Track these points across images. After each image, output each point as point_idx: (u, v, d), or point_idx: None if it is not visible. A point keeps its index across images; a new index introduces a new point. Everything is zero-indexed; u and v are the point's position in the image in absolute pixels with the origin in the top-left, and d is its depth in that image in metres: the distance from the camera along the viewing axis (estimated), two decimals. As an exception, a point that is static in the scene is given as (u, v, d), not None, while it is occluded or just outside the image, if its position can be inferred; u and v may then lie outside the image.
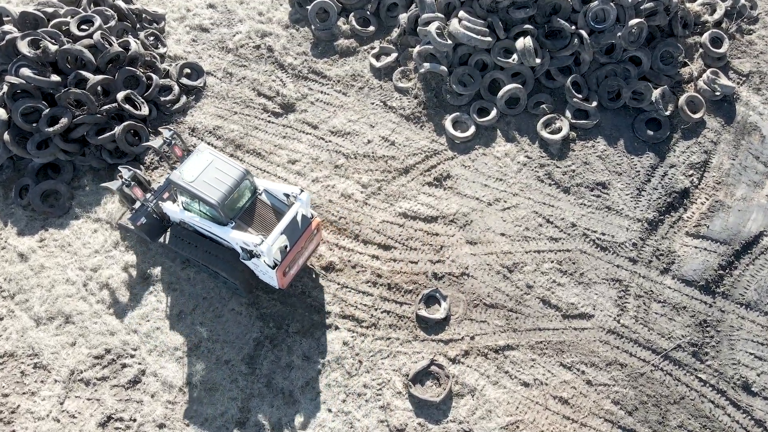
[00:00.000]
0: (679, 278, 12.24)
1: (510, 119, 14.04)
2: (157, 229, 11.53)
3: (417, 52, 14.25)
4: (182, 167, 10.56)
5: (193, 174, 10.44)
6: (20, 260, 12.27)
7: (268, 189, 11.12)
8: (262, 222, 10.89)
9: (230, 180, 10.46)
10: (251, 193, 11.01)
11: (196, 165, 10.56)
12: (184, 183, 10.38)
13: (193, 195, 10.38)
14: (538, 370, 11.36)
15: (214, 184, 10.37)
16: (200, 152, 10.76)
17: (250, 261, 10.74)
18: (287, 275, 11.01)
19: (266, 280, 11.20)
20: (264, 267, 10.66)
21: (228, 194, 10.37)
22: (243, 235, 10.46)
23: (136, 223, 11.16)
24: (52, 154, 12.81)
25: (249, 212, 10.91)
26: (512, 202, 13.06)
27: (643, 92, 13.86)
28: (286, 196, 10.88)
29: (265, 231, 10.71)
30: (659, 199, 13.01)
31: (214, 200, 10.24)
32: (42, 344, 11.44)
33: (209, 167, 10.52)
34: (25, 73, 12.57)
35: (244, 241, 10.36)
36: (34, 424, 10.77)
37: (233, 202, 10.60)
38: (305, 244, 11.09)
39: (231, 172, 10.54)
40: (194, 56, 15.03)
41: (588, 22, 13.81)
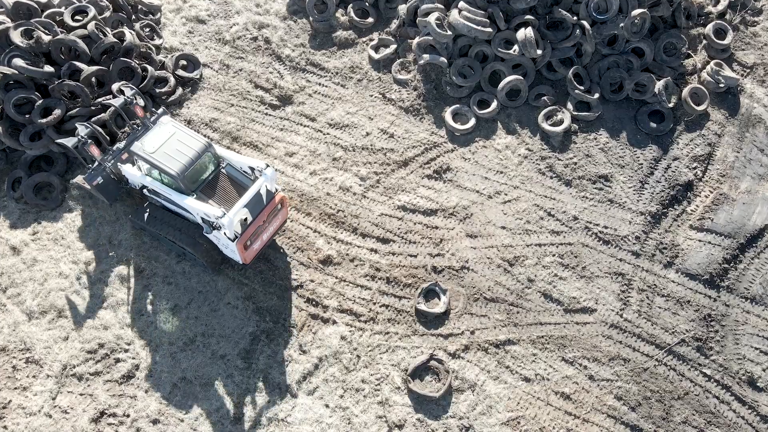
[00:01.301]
0: (682, 272, 12.03)
1: (511, 111, 13.83)
2: (115, 191, 11.42)
3: (416, 43, 14.05)
4: (144, 138, 10.59)
5: (154, 145, 10.44)
6: (12, 253, 12.06)
7: (233, 161, 11.01)
8: (225, 195, 10.80)
9: (191, 152, 10.43)
10: (214, 166, 10.93)
11: (158, 136, 10.58)
12: (144, 154, 10.36)
13: (153, 166, 10.31)
14: (539, 365, 11.15)
15: (175, 155, 10.35)
16: (163, 124, 10.81)
17: (212, 234, 10.62)
18: (249, 249, 10.86)
19: (229, 254, 11.11)
20: (225, 240, 10.56)
21: (189, 165, 10.33)
22: (204, 206, 10.37)
23: (91, 182, 10.99)
24: (45, 145, 12.60)
25: (211, 185, 10.85)
26: (513, 195, 12.85)
27: (646, 84, 13.65)
28: (251, 169, 10.78)
29: (227, 204, 10.62)
30: (662, 192, 12.81)
31: (175, 171, 10.21)
32: (34, 338, 11.22)
33: (171, 139, 10.53)
34: (18, 63, 12.35)
35: (206, 212, 10.27)
36: (26, 420, 10.56)
37: (195, 174, 10.53)
38: (268, 219, 10.97)
39: (193, 144, 10.52)
40: (190, 48, 14.82)
41: (590, 13, 13.60)
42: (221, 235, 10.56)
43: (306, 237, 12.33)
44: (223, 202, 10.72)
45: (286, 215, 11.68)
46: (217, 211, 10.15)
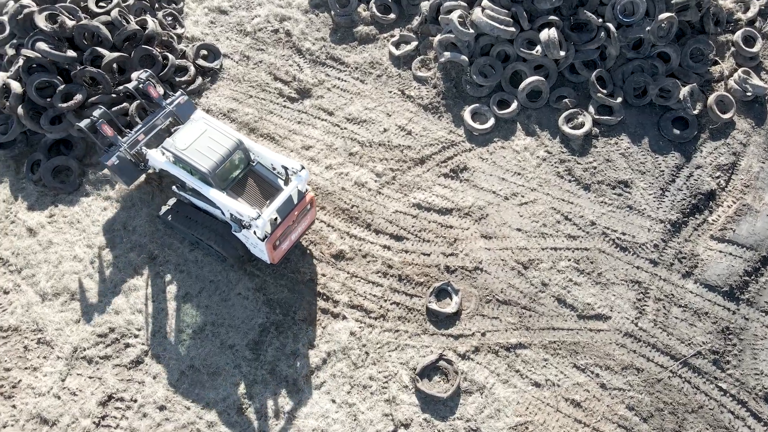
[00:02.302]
0: (701, 283, 11.76)
1: (531, 112, 13.65)
2: (132, 173, 11.38)
3: (438, 40, 13.92)
4: (176, 134, 10.59)
5: (186, 141, 10.41)
6: (29, 235, 12.16)
7: (265, 159, 10.91)
8: (254, 193, 10.72)
9: (223, 149, 10.39)
10: (245, 164, 10.85)
11: (190, 133, 10.54)
12: (176, 151, 10.35)
13: (185, 163, 10.30)
14: (550, 370, 10.97)
15: (206, 152, 10.30)
16: (195, 120, 10.80)
17: (241, 233, 10.56)
18: (278, 249, 10.79)
19: (257, 253, 11.03)
20: (254, 239, 10.48)
21: (220, 163, 10.28)
22: (239, 205, 10.28)
23: (106, 162, 10.99)
24: (64, 129, 12.69)
25: (241, 183, 10.78)
26: (530, 197, 12.67)
27: (671, 90, 13.38)
28: (285, 169, 10.66)
29: (255, 202, 10.56)
30: (684, 200, 12.54)
31: (206, 169, 10.16)
32: (46, 320, 11.30)
33: (203, 135, 10.49)
34: (42, 47, 12.45)
35: (239, 211, 10.17)
36: (35, 400, 10.63)
37: (225, 172, 10.48)
38: (297, 219, 10.88)
39: (224, 142, 10.48)
40: (212, 38, 14.85)
41: (616, 15, 13.37)
42: (251, 234, 10.46)
43: (319, 231, 12.27)
44: (252, 200, 10.62)
45: (314, 215, 11.59)
46: (252, 212, 10.00)
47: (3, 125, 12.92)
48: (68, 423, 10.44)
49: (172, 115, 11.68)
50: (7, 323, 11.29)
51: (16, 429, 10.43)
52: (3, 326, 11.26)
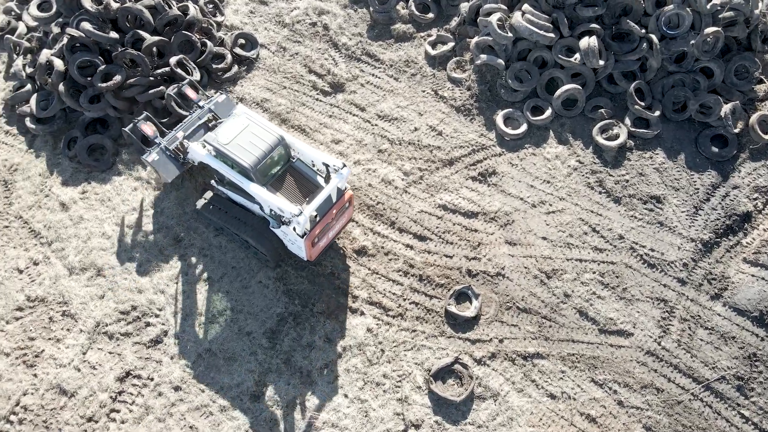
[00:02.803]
0: (730, 306, 11.43)
1: (565, 121, 13.44)
2: (173, 168, 11.53)
3: (475, 42, 13.81)
4: (218, 129, 10.73)
5: (228, 136, 10.54)
6: (61, 209, 12.45)
7: (305, 155, 10.94)
8: (293, 190, 10.75)
9: (265, 145, 10.49)
10: (285, 160, 10.91)
11: (232, 128, 10.67)
12: (218, 145, 10.47)
13: (227, 157, 10.41)
14: (567, 383, 10.79)
15: (248, 147, 10.40)
16: (237, 116, 10.93)
17: (279, 229, 10.57)
18: (316, 246, 10.80)
19: (294, 250, 11.06)
20: (293, 236, 10.48)
21: (261, 159, 10.37)
22: (281, 201, 10.31)
23: (147, 158, 11.24)
24: (102, 109, 12.96)
25: (280, 179, 10.83)
26: (558, 206, 12.48)
27: (712, 106, 13.03)
28: (326, 166, 10.64)
29: (294, 198, 10.60)
30: (717, 220, 12.20)
31: (248, 164, 10.25)
32: (72, 293, 11.55)
33: (245, 131, 10.60)
34: (86, 27, 12.73)
35: (280, 207, 10.18)
36: (56, 371, 10.88)
37: (266, 168, 10.54)
38: (336, 217, 10.87)
39: (266, 138, 10.57)
40: (250, 27, 14.99)
41: (660, 27, 13.07)
42: (289, 231, 10.48)
43: (343, 225, 12.28)
44: (291, 196, 10.65)
45: (351, 214, 11.60)
46: (294, 209, 10.02)
47: (44, 101, 13.26)
48: (86, 395, 10.65)
49: (210, 113, 11.87)
50: (35, 294, 11.58)
51: (36, 397, 10.68)
52: (31, 296, 11.55)
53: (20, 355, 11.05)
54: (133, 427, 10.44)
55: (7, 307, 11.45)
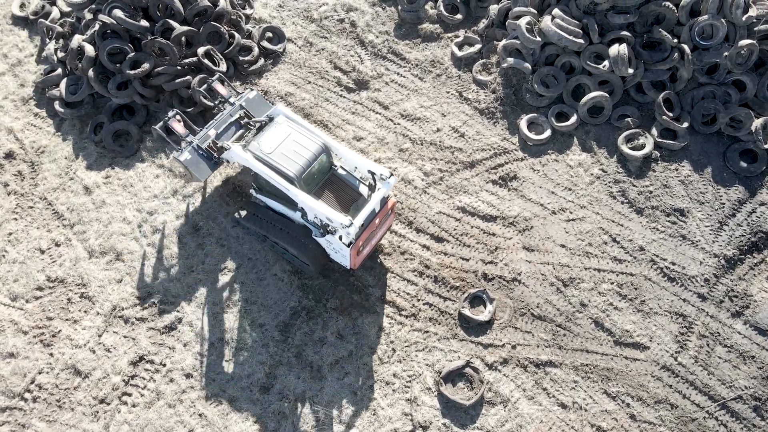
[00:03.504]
0: (751, 325, 11.17)
1: (590, 128, 13.26)
2: (206, 167, 11.33)
3: (502, 45, 13.70)
4: (260, 137, 10.58)
5: (271, 145, 10.40)
6: (84, 193, 12.64)
7: (348, 161, 10.75)
8: (335, 197, 10.61)
9: (309, 153, 10.33)
10: (328, 167, 10.77)
11: (274, 136, 10.51)
12: (262, 154, 10.34)
13: (271, 167, 10.25)
14: (579, 393, 10.65)
15: (292, 156, 10.26)
16: (279, 124, 10.78)
17: (324, 238, 10.45)
18: (360, 255, 10.69)
19: (338, 259, 10.90)
20: (338, 245, 10.34)
21: (306, 167, 10.22)
22: (329, 210, 10.09)
23: (178, 157, 11.14)
24: (129, 96, 13.13)
25: (323, 186, 10.71)
26: (578, 214, 12.32)
27: (743, 120, 12.75)
28: (372, 174, 10.43)
29: (336, 206, 10.47)
30: (742, 236, 11.93)
31: (293, 173, 10.11)
32: (91, 276, 11.73)
33: (287, 139, 10.46)
34: (118, 14, 12.91)
35: (330, 216, 9.98)
36: (71, 351, 11.05)
37: (310, 177, 10.38)
38: (379, 224, 10.72)
39: (309, 146, 10.42)
40: (278, 21, 15.07)
41: (693, 37, 12.83)
42: (334, 240, 10.37)
43: (361, 222, 12.27)
44: (332, 204, 10.54)
45: (392, 221, 11.51)
46: (345, 219, 9.87)
47: (73, 86, 13.47)
48: (99, 377, 10.80)
49: (242, 110, 11.74)
50: (55, 274, 11.78)
51: (51, 376, 10.86)
52: (51, 276, 11.75)
53: (38, 334, 11.24)
54: (144, 411, 10.56)
55: (28, 286, 11.67)
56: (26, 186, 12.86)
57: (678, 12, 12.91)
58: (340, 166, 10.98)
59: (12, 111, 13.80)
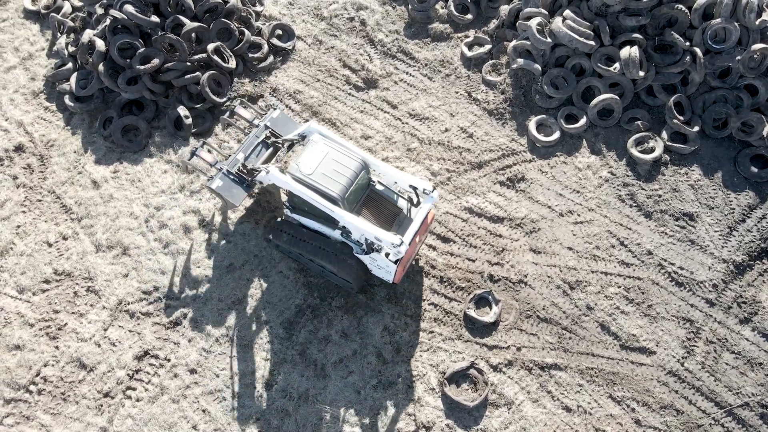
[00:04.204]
0: (760, 331, 11.07)
1: (599, 131, 13.18)
2: (238, 191, 11.06)
3: (512, 46, 13.63)
4: (299, 159, 10.25)
5: (311, 166, 10.09)
6: (93, 187, 12.69)
7: (387, 176, 10.58)
8: (375, 213, 10.47)
9: (349, 171, 10.11)
10: (367, 184, 10.63)
11: (312, 156, 10.20)
12: (303, 176, 10.06)
13: (314, 189, 9.99)
14: (584, 397, 10.58)
15: (333, 176, 10.04)
16: (315, 143, 10.43)
17: (368, 255, 10.32)
18: (404, 269, 10.60)
19: (381, 274, 10.73)
20: (383, 262, 10.21)
21: (348, 186, 10.04)
22: (378, 230, 9.92)
23: (211, 185, 10.93)
24: (139, 91, 13.16)
25: (362, 204, 10.57)
26: (586, 217, 12.24)
27: (754, 125, 12.63)
28: (413, 189, 10.29)
29: (377, 222, 10.33)
30: (752, 242, 11.82)
31: (336, 193, 9.90)
32: (98, 270, 11.77)
33: (326, 158, 10.18)
34: (129, 9, 12.95)
35: (378, 236, 9.83)
36: (77, 344, 11.09)
37: (353, 195, 10.22)
38: (420, 236, 10.59)
39: (349, 164, 10.18)
40: (288, 19, 15.06)
41: (705, 41, 12.72)
42: (379, 257, 10.22)
43: (367, 221, 12.25)
44: (373, 220, 10.41)
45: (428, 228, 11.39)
46: (395, 239, 9.72)
47: (84, 80, 13.53)
48: (104, 371, 10.84)
49: (268, 130, 11.57)
50: (62, 267, 11.83)
51: (56, 369, 10.91)
52: (58, 270, 11.80)
53: (44, 326, 11.30)
54: (148, 405, 10.59)
55: (35, 279, 11.73)
56: (35, 179, 12.92)
57: (690, 15, 12.80)
58: (377, 182, 10.78)
59: (22, 104, 13.88)
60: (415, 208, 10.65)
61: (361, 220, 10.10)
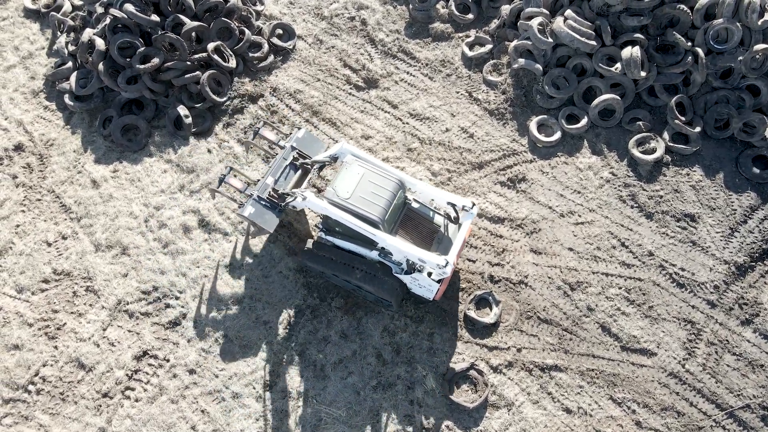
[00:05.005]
0: (761, 333, 11.02)
1: (600, 131, 13.13)
2: (271, 217, 10.74)
3: (513, 46, 13.58)
4: (335, 183, 10.01)
5: (347, 190, 9.87)
6: (92, 186, 12.66)
7: (427, 193, 10.47)
8: (414, 233, 10.35)
9: (387, 193, 9.92)
10: (403, 203, 10.48)
11: (348, 179, 9.98)
12: (341, 200, 9.82)
13: (353, 213, 9.77)
14: (584, 398, 10.54)
15: (371, 198, 9.82)
16: (349, 164, 10.19)
17: (409, 275, 10.20)
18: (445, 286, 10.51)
19: (420, 293, 10.63)
20: (425, 281, 10.10)
21: (387, 208, 9.87)
22: (422, 252, 9.78)
23: (244, 213, 10.56)
24: (138, 90, 13.13)
25: (400, 223, 10.43)
26: (587, 217, 12.20)
27: (756, 126, 12.58)
28: (452, 205, 10.19)
29: (415, 241, 10.21)
30: (753, 243, 11.77)
31: (377, 216, 9.69)
32: (97, 270, 11.74)
33: (362, 180, 9.95)
34: (129, 8, 12.92)
35: (423, 258, 9.72)
36: (76, 344, 11.06)
37: (391, 216, 10.05)
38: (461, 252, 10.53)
39: (386, 185, 9.97)
40: (288, 18, 15.03)
41: (707, 41, 12.66)
42: (421, 277, 10.10)
43: (367, 222, 12.21)
44: (411, 239, 10.28)
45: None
46: (440, 260, 9.64)
47: (83, 79, 13.50)
48: (103, 371, 10.81)
49: (294, 151, 11.30)
50: (61, 267, 11.80)
51: (55, 369, 10.88)
52: (57, 269, 11.78)
53: (43, 326, 11.27)
54: (147, 406, 10.55)
55: (34, 279, 11.70)
56: (34, 178, 12.89)
57: (692, 15, 12.75)
58: (413, 199, 10.62)
59: (22, 103, 13.85)
60: (454, 224, 10.48)
61: (403, 242, 9.93)
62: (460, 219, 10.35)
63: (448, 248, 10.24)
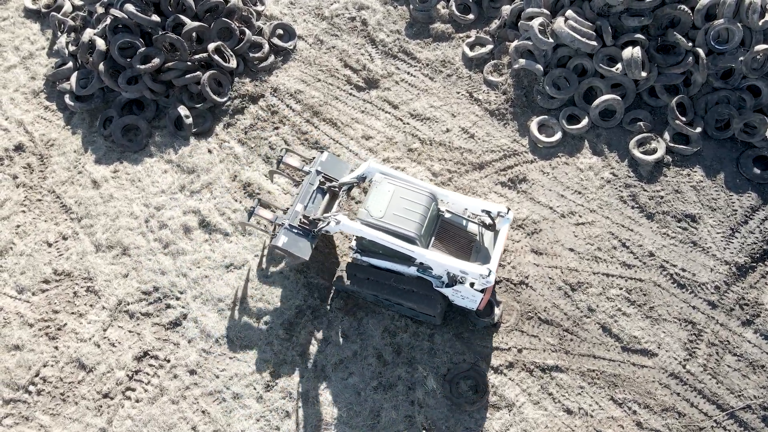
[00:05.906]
0: (762, 334, 11.01)
1: (601, 131, 13.12)
2: (305, 245, 10.55)
3: (514, 46, 13.58)
4: (367, 203, 9.96)
5: (380, 208, 9.81)
6: (93, 186, 12.66)
7: (460, 203, 10.41)
8: (450, 243, 10.29)
9: (420, 207, 9.87)
10: (437, 215, 10.42)
11: (380, 198, 9.91)
12: (375, 220, 9.76)
13: (388, 231, 9.69)
14: (585, 399, 10.53)
15: (405, 215, 9.76)
16: (379, 183, 10.13)
17: (451, 288, 10.15)
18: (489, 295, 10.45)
19: (463, 304, 10.54)
20: (468, 292, 10.04)
21: (422, 223, 9.81)
22: (464, 263, 9.73)
23: (277, 243, 10.43)
24: (139, 90, 13.13)
25: (436, 236, 10.36)
26: (588, 218, 12.19)
27: (757, 126, 12.57)
28: (487, 213, 10.14)
29: (452, 252, 10.15)
30: (754, 244, 11.76)
31: (413, 233, 9.62)
32: (97, 270, 11.74)
33: (394, 197, 9.90)
34: (129, 8, 12.91)
35: (464, 270, 9.67)
36: (76, 345, 11.06)
37: (426, 230, 9.99)
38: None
39: (418, 199, 9.93)
40: (289, 18, 15.02)
41: (708, 41, 12.65)
42: (463, 288, 10.04)
43: (368, 222, 12.20)
44: (445, 249, 10.22)
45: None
46: (483, 270, 9.56)
47: (84, 79, 13.51)
48: (104, 372, 10.81)
49: (319, 175, 11.15)
50: (61, 267, 11.80)
51: (56, 369, 10.88)
52: (57, 270, 11.78)
53: (43, 326, 11.27)
54: (147, 406, 10.55)
55: (35, 279, 11.70)
56: (35, 179, 12.89)
57: (693, 15, 12.74)
58: (446, 210, 10.54)
59: (22, 104, 13.85)
60: (490, 232, 10.40)
61: (443, 255, 9.88)
62: (497, 226, 10.26)
63: (487, 256, 10.16)
